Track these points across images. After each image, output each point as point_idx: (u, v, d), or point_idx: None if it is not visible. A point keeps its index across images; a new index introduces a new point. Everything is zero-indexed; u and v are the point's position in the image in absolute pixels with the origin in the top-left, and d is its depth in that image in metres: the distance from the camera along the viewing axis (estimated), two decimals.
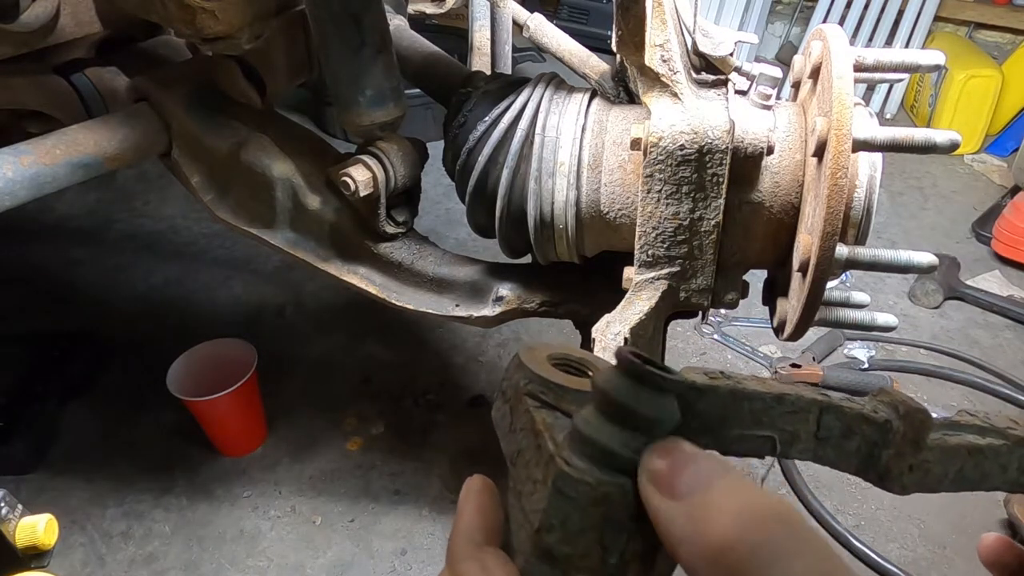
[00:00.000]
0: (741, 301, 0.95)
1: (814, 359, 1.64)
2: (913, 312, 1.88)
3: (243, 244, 1.97)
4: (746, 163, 0.82)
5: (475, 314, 1.05)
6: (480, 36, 1.35)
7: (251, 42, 0.94)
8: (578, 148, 0.90)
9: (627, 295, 0.89)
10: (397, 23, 1.26)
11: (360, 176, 0.95)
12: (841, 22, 2.89)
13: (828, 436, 0.30)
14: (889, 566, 1.24)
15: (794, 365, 1.61)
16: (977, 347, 1.77)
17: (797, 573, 0.22)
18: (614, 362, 0.27)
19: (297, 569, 1.26)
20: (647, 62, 0.81)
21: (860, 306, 0.91)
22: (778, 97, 0.86)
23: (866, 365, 1.66)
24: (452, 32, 2.58)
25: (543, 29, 1.17)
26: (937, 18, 2.82)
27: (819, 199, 0.75)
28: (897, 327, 0.92)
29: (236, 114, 1.08)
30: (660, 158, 0.80)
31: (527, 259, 1.06)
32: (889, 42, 2.87)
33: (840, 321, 0.91)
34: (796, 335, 0.88)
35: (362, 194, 0.95)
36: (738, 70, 0.86)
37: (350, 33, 0.89)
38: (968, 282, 1.94)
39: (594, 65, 1.08)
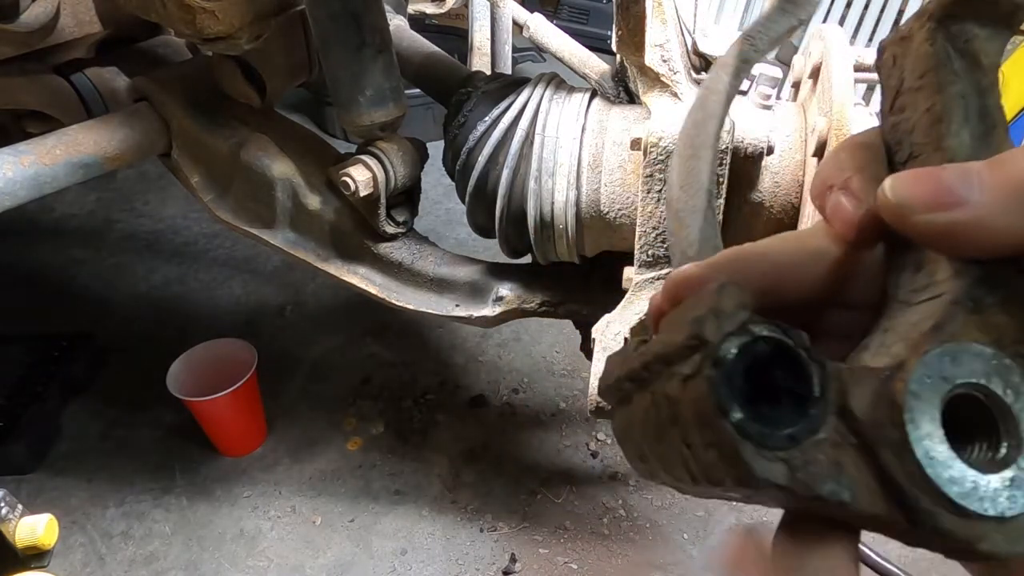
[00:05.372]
0: None
1: None
2: None
3: (243, 244, 1.97)
4: (746, 163, 0.82)
5: (475, 314, 1.05)
6: (480, 36, 1.36)
7: (251, 42, 0.94)
8: (578, 148, 0.90)
9: (627, 295, 0.89)
10: (397, 23, 1.26)
11: (360, 176, 0.95)
12: (841, 22, 2.89)
13: None
14: (889, 566, 1.24)
15: None
16: None
17: None
18: None
19: (297, 569, 1.26)
20: (647, 62, 0.81)
21: None
22: (778, 97, 0.86)
23: None
24: (452, 32, 2.58)
25: (543, 29, 1.17)
26: None
27: None
28: None
29: (236, 114, 1.08)
30: (660, 158, 0.80)
31: (527, 259, 1.06)
32: None
33: None
34: None
35: (362, 194, 0.95)
36: None
37: (350, 33, 0.89)
38: None
39: (594, 65, 1.08)
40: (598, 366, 0.85)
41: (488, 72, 1.19)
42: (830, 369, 0.20)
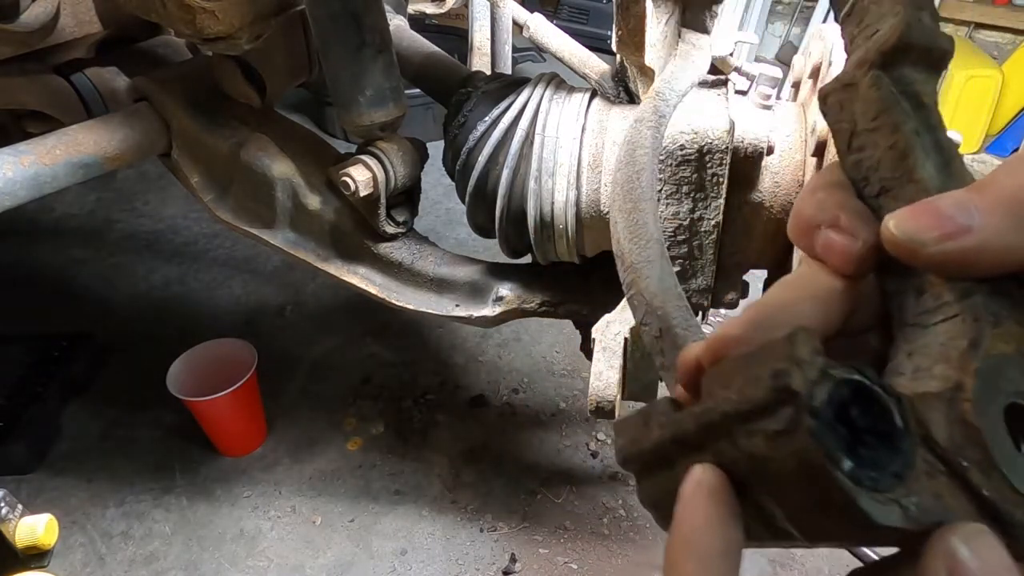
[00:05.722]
0: (741, 301, 0.95)
1: None
2: None
3: (243, 244, 1.97)
4: (746, 163, 0.82)
5: (475, 314, 1.05)
6: (480, 36, 1.36)
7: (251, 42, 0.94)
8: (578, 148, 0.90)
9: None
10: (397, 23, 1.26)
11: (360, 176, 0.95)
12: None
13: None
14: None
15: None
16: None
17: None
18: None
19: (297, 569, 1.26)
20: (647, 62, 0.81)
21: None
22: (778, 97, 0.86)
23: None
24: (452, 32, 2.59)
25: (543, 29, 1.17)
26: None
27: None
28: None
29: (236, 114, 1.08)
30: (660, 158, 0.80)
31: (527, 259, 1.06)
32: None
33: None
34: None
35: (362, 194, 0.95)
36: (738, 70, 0.86)
37: (350, 33, 0.89)
38: None
39: (594, 65, 1.08)
40: (598, 366, 0.85)
41: (488, 72, 1.19)
42: (906, 402, 0.20)
